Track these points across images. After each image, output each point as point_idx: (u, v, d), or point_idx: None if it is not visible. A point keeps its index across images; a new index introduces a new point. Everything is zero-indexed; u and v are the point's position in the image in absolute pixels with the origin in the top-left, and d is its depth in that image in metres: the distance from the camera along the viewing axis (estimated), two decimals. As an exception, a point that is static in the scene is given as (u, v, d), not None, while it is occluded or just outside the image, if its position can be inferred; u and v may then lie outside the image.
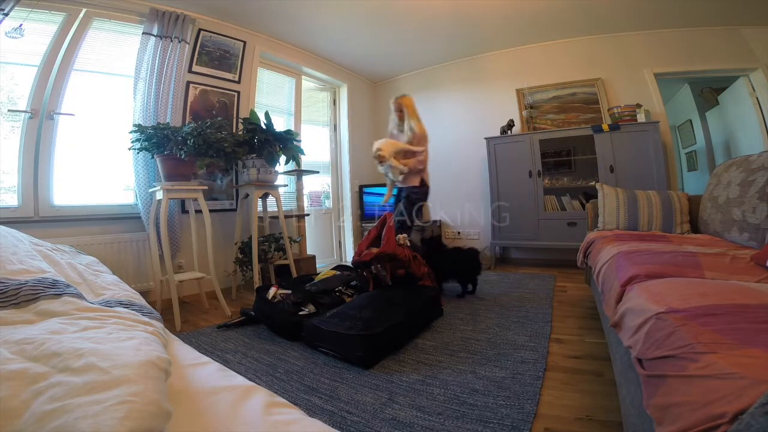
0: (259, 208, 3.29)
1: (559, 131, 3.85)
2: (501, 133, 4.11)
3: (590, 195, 3.36)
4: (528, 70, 4.26)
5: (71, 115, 2.57)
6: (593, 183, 3.21)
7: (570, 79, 4.07)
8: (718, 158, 4.49)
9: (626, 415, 0.92)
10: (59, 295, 0.91)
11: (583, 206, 3.57)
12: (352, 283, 2.58)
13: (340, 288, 2.50)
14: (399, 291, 2.30)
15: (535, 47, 4.24)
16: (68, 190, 2.60)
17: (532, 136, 3.88)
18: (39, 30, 2.48)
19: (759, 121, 3.54)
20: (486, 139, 4.09)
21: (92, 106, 2.74)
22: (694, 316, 0.76)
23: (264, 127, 2.99)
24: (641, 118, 3.51)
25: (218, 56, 3.38)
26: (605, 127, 3.56)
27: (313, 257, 3.72)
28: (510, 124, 4.10)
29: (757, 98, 3.56)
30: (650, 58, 3.77)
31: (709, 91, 4.54)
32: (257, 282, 2.90)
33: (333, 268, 2.94)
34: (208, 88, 3.30)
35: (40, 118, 2.43)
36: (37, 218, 2.39)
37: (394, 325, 1.85)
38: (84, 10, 2.60)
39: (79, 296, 0.97)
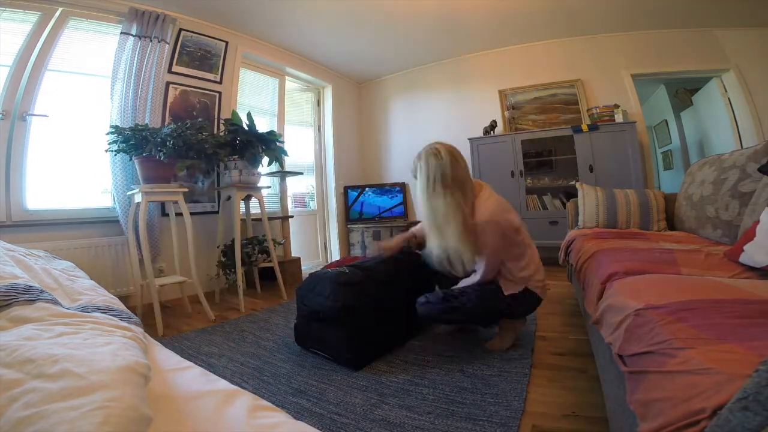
0: (242, 210, 3.25)
1: (540, 132, 3.92)
2: (484, 134, 4.15)
3: (571, 194, 3.42)
4: (510, 71, 4.32)
5: (45, 116, 2.49)
6: (573, 182, 3.27)
7: (551, 80, 4.14)
8: (692, 157, 4.64)
9: (611, 410, 0.93)
10: (33, 301, 0.87)
11: (564, 205, 3.63)
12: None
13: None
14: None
15: (517, 49, 4.29)
16: (43, 194, 2.52)
17: (514, 136, 3.94)
18: (12, 29, 2.40)
19: (730, 121, 3.66)
20: (469, 139, 4.12)
21: (68, 107, 2.66)
22: (672, 312, 0.77)
23: (246, 128, 2.95)
24: (619, 118, 3.59)
25: (199, 56, 3.32)
26: (584, 127, 3.63)
27: (298, 259, 3.70)
28: (493, 125, 4.14)
29: (728, 99, 3.68)
30: (627, 59, 3.87)
31: (684, 91, 4.69)
32: (241, 285, 2.85)
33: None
34: (189, 88, 3.24)
35: (12, 119, 2.34)
36: (9, 223, 2.30)
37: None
38: (60, 9, 2.52)
39: (54, 302, 0.94)
